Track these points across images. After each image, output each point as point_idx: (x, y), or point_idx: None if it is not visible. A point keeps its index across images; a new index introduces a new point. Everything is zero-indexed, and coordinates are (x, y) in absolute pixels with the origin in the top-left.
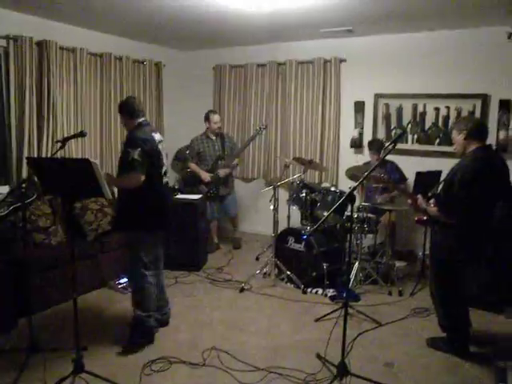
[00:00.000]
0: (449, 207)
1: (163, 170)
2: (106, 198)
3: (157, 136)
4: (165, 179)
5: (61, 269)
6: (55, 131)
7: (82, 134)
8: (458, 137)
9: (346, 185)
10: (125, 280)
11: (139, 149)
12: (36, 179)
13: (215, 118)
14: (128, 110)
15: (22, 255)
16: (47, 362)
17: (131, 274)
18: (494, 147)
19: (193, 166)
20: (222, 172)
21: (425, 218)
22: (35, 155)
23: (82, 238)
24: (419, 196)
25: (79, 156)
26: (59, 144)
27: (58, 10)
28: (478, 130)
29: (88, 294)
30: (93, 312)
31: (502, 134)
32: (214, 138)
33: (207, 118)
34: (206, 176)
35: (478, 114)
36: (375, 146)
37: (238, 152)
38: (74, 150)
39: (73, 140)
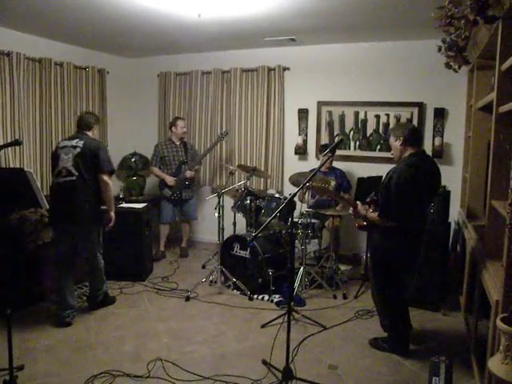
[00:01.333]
0: (387, 211)
1: (57, 170)
2: (43, 208)
3: (72, 142)
4: (61, 179)
5: None
6: None
7: (16, 143)
8: (394, 143)
9: (290, 191)
10: None
11: None
12: None
13: (181, 123)
14: None
15: None
16: None
17: None
18: (430, 153)
19: (156, 170)
20: (188, 173)
21: (365, 223)
22: None
23: (18, 251)
24: (358, 202)
25: (17, 165)
26: None
27: None
28: (412, 136)
29: (26, 309)
30: (32, 328)
31: (437, 141)
32: (178, 143)
33: (174, 124)
34: (170, 180)
35: (415, 122)
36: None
37: (200, 158)
38: (11, 159)
39: (9, 148)
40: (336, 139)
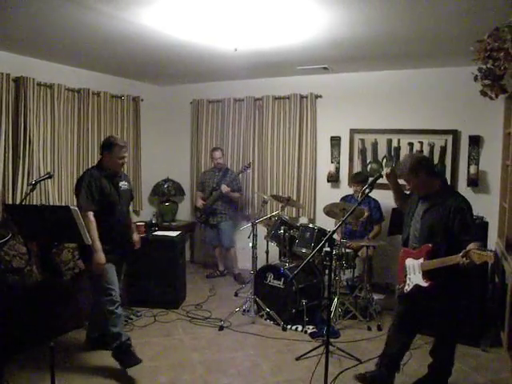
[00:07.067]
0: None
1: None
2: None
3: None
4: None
5: (34, 311)
6: (31, 170)
7: (49, 176)
8: (417, 178)
9: (322, 219)
10: None
11: None
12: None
13: (215, 154)
14: None
15: None
16: None
17: None
18: (465, 181)
19: (197, 194)
20: (223, 187)
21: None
22: (9, 196)
23: (57, 278)
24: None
25: (56, 195)
26: (30, 187)
27: (33, 45)
28: (430, 165)
29: (64, 335)
30: (69, 354)
31: (472, 169)
32: (217, 172)
33: (211, 153)
34: (197, 202)
35: (449, 149)
36: (360, 178)
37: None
38: (51, 190)
39: (49, 180)
40: (369, 167)
